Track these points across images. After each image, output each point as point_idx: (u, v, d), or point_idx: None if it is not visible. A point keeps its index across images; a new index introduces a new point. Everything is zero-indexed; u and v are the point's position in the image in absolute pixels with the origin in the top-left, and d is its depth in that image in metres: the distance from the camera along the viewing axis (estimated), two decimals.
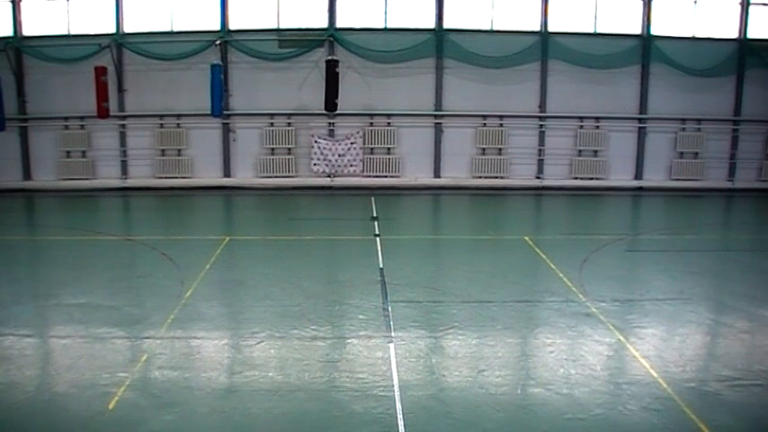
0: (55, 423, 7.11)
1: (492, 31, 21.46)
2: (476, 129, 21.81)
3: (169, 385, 7.94)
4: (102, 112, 19.39)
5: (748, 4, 21.66)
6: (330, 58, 19.57)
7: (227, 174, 21.94)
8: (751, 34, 21.71)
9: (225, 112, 20.92)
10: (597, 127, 21.98)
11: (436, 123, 21.84)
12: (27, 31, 21.19)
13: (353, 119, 21.61)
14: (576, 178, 22.09)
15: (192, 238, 15.71)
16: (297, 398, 7.65)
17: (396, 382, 7.99)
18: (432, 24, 21.35)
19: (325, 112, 19.85)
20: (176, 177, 21.73)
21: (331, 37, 21.06)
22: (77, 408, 7.38)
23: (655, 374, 8.20)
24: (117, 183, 21.79)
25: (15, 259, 13.92)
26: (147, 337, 9.36)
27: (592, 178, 22.10)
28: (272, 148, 21.78)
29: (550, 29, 21.43)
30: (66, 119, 21.50)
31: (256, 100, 21.55)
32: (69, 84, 21.01)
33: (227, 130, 21.73)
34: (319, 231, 16.48)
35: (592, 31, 21.60)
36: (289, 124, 21.71)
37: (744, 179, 22.39)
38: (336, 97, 19.26)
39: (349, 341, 9.39)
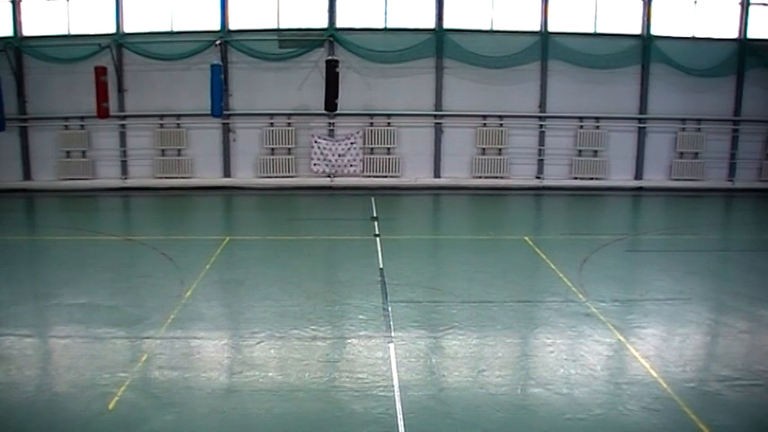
0: (55, 423, 7.11)
1: (492, 31, 21.44)
2: (476, 129, 21.81)
3: (169, 385, 7.94)
4: (102, 112, 19.37)
5: (748, 4, 21.64)
6: (330, 58, 19.55)
7: (227, 174, 21.93)
8: (751, 34, 21.68)
9: (225, 112, 20.90)
10: (597, 127, 21.97)
11: (436, 123, 21.83)
12: (27, 31, 21.16)
13: (353, 119, 21.60)
14: (576, 178, 22.07)
15: (192, 238, 15.71)
16: (297, 398, 7.65)
17: (396, 382, 7.99)
18: (432, 24, 21.33)
19: (325, 112, 19.83)
20: (176, 177, 21.71)
21: (331, 37, 21.05)
22: (77, 408, 7.38)
23: (655, 374, 8.20)
24: (117, 183, 21.76)
25: (15, 259, 13.92)
26: (147, 337, 9.37)
27: (592, 178, 22.08)
28: (272, 148, 21.77)
29: (550, 29, 21.41)
30: (66, 119, 21.48)
31: (256, 100, 21.54)
32: (69, 84, 20.98)
33: (227, 130, 21.72)
34: (319, 231, 16.46)
35: (592, 31, 21.57)
36: (289, 124, 21.70)
37: (744, 179, 22.37)
38: (336, 97, 19.25)
39: (349, 341, 9.40)
